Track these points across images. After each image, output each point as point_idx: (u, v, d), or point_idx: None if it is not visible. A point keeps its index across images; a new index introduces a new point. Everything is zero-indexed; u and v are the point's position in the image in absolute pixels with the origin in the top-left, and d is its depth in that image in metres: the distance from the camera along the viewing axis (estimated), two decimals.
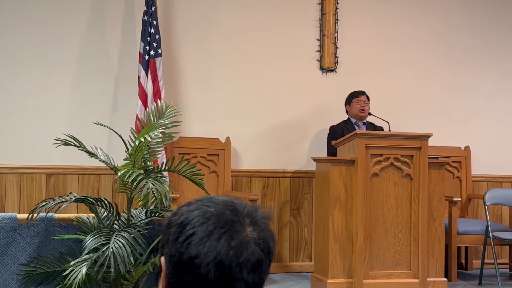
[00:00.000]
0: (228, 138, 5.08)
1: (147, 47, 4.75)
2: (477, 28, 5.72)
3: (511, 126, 5.76)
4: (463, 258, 5.48)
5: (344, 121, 5.02)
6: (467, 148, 5.56)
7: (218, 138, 5.09)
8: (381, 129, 5.03)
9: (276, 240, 1.09)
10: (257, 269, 1.02)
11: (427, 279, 4.38)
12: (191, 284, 1.00)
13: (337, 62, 5.38)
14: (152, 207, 3.05)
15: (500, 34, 5.77)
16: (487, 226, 4.76)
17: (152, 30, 4.77)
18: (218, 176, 5.03)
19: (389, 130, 4.80)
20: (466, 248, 5.43)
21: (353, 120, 4.99)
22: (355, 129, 4.84)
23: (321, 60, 5.35)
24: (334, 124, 5.02)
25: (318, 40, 5.37)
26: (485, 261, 4.90)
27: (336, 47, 5.38)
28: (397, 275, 4.37)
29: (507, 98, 5.76)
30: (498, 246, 5.05)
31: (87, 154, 3.13)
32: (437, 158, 4.56)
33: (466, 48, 5.69)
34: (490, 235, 4.69)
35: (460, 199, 5.26)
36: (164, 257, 1.04)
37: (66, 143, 3.06)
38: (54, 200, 3.01)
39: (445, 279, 4.51)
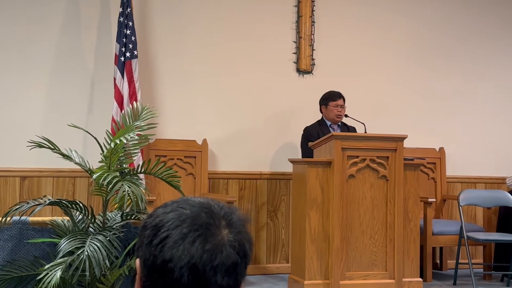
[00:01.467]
0: (205, 140, 5.07)
1: (123, 49, 4.72)
2: (451, 31, 5.79)
3: (485, 127, 5.84)
4: (438, 259, 5.53)
5: (318, 122, 5.02)
6: (441, 149, 5.62)
7: (195, 140, 5.07)
8: (354, 129, 5.05)
9: (253, 243, 1.08)
10: (232, 272, 1.01)
11: (403, 280, 4.42)
12: None
13: (314, 64, 5.40)
14: (128, 210, 3.02)
15: (474, 36, 5.85)
16: (461, 227, 4.82)
17: (128, 32, 4.74)
18: (195, 178, 5.02)
19: (365, 132, 4.83)
20: (441, 248, 5.49)
21: (328, 122, 5.01)
22: (330, 131, 4.85)
23: (297, 62, 5.37)
24: (308, 125, 5.02)
25: (294, 42, 5.38)
26: (460, 261, 4.96)
27: (313, 49, 5.40)
28: (373, 275, 4.40)
29: (480, 100, 5.84)
30: (472, 246, 5.11)
31: (61, 156, 3.09)
32: (412, 160, 4.61)
33: (441, 50, 5.76)
34: (465, 235, 4.75)
35: (435, 200, 5.32)
36: (139, 260, 1.03)
37: (40, 145, 3.03)
38: (28, 203, 2.97)
39: (420, 279, 4.55)
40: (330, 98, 4.97)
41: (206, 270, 0.98)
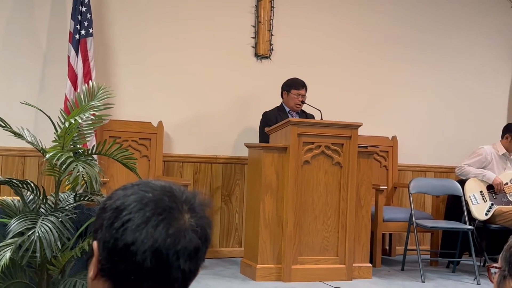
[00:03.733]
0: (160, 122, 5.02)
1: (78, 26, 4.61)
2: (405, 22, 5.88)
3: (436, 118, 5.98)
4: (387, 245, 5.66)
5: (277, 107, 5.03)
6: (394, 138, 5.73)
7: (150, 122, 5.01)
8: (312, 117, 5.09)
9: (212, 227, 1.08)
10: (194, 257, 1.01)
11: (353, 265, 4.51)
12: (125, 272, 0.98)
13: (272, 49, 5.40)
14: (81, 191, 2.97)
15: (426, 27, 5.96)
16: (411, 214, 4.94)
17: (84, 9, 4.62)
18: (149, 160, 4.97)
19: (321, 119, 4.87)
20: (390, 235, 5.61)
21: (287, 109, 5.02)
22: (288, 117, 4.87)
23: (256, 47, 5.36)
24: (267, 110, 5.03)
25: (253, 26, 5.37)
26: (408, 247, 5.08)
27: (271, 35, 5.40)
28: (324, 260, 4.47)
29: (431, 91, 5.97)
30: (420, 233, 5.25)
31: (13, 134, 3.00)
32: (366, 147, 4.68)
33: (396, 41, 5.85)
34: (414, 222, 4.86)
35: (386, 187, 5.44)
36: (97, 242, 1.01)
37: None
38: None
39: (370, 264, 4.66)
40: (293, 86, 4.96)
41: (169, 254, 0.98)
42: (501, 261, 1.24)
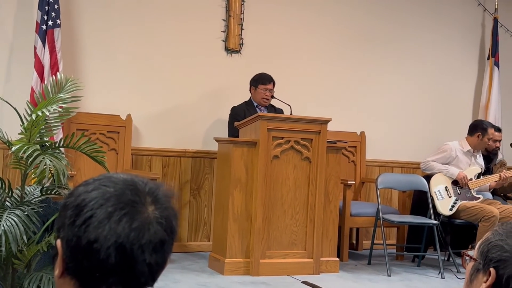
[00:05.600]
0: (129, 116, 4.97)
1: (45, 17, 4.53)
2: (373, 18, 5.93)
3: (402, 114, 6.05)
4: (354, 239, 5.73)
5: (245, 102, 5.04)
6: (362, 133, 5.79)
7: (118, 115, 4.96)
8: (281, 111, 5.11)
9: (179, 218, 1.08)
10: (159, 249, 1.00)
11: (321, 259, 4.55)
12: (90, 269, 0.97)
13: (242, 43, 5.39)
14: (48, 185, 2.93)
15: (394, 24, 6.03)
16: (378, 209, 5.00)
17: None
18: (117, 154, 4.92)
19: (291, 114, 4.89)
20: (357, 229, 5.68)
21: (255, 103, 5.03)
22: (257, 112, 4.88)
23: (226, 41, 5.35)
24: (236, 105, 5.03)
25: (224, 20, 5.35)
26: (375, 242, 5.15)
27: (242, 29, 5.39)
28: (292, 255, 4.50)
29: (399, 87, 6.05)
30: (387, 227, 5.32)
31: None
32: (335, 143, 4.72)
33: (364, 37, 5.90)
34: (381, 217, 4.93)
35: (354, 182, 5.49)
36: (61, 241, 1.00)
37: None
38: None
39: (337, 259, 4.71)
40: (260, 81, 4.99)
41: (133, 249, 0.97)
42: (477, 253, 1.26)
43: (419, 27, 6.14)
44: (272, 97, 5.02)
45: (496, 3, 6.35)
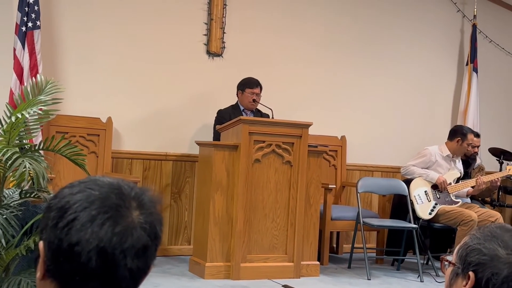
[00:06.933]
0: (109, 118, 4.94)
1: (25, 18, 4.49)
2: (354, 23, 5.97)
3: (383, 119, 6.10)
4: (334, 243, 5.75)
5: (232, 106, 5.04)
6: (343, 137, 5.82)
7: (99, 118, 4.93)
8: (267, 116, 5.11)
9: (163, 224, 1.07)
10: (142, 255, 0.99)
11: (301, 263, 4.56)
12: (71, 272, 0.96)
13: (224, 47, 5.39)
14: (27, 188, 2.90)
15: (375, 30, 6.07)
16: (358, 213, 5.03)
17: (31, 1, 4.50)
18: (97, 157, 4.88)
19: (272, 118, 4.90)
20: (338, 233, 5.70)
21: (241, 107, 5.03)
22: (243, 115, 4.88)
23: (208, 44, 5.34)
24: (222, 108, 5.02)
25: (205, 24, 5.35)
26: (355, 245, 5.18)
27: (224, 32, 5.39)
28: (273, 258, 4.50)
29: (379, 92, 6.09)
30: (367, 231, 5.34)
31: None
32: (316, 147, 4.73)
33: (345, 42, 5.94)
34: (361, 221, 4.95)
35: (335, 186, 5.51)
36: (43, 243, 0.99)
37: None
38: None
39: (317, 262, 4.72)
40: (248, 85, 4.99)
41: (115, 253, 0.96)
42: (456, 258, 1.27)
43: (398, 33, 6.19)
44: (254, 100, 5.02)
45: (475, 9, 6.44)
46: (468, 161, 5.68)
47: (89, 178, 1.05)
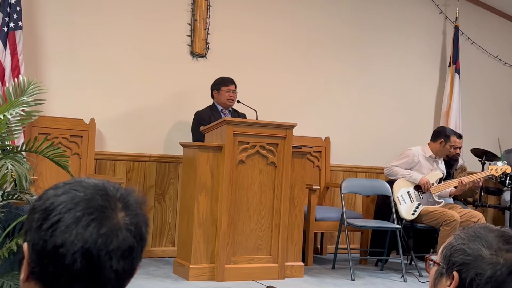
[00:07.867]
0: (92, 119, 4.91)
1: (7, 19, 4.45)
2: (337, 24, 6.00)
3: (366, 119, 6.13)
4: (318, 243, 5.76)
5: (210, 107, 5.03)
6: (327, 138, 5.84)
7: (82, 119, 4.89)
8: (244, 116, 5.11)
9: (149, 225, 1.07)
10: (127, 256, 0.99)
11: (286, 264, 4.57)
12: (55, 274, 0.95)
13: (208, 48, 5.39)
14: (9, 189, 2.86)
15: (358, 31, 6.10)
16: (342, 214, 5.04)
17: (13, 1, 4.46)
18: (80, 158, 4.85)
19: (256, 119, 4.90)
20: (322, 234, 5.71)
21: (219, 107, 5.03)
22: (221, 116, 4.88)
23: (191, 45, 5.33)
24: (200, 109, 5.01)
25: (189, 24, 5.33)
26: (339, 246, 5.19)
27: (208, 33, 5.38)
28: (257, 260, 4.50)
29: (362, 94, 6.12)
30: (351, 232, 5.37)
31: None
32: (300, 148, 4.74)
33: (328, 43, 5.96)
34: (345, 221, 4.97)
35: (319, 187, 5.53)
36: (27, 244, 0.98)
37: None
38: None
39: (302, 263, 4.72)
40: (222, 83, 5.00)
41: (100, 255, 0.95)
42: (441, 258, 1.28)
43: (381, 35, 6.23)
44: (238, 101, 5.02)
45: (457, 11, 6.49)
46: (451, 162, 5.73)
47: (74, 179, 1.04)
